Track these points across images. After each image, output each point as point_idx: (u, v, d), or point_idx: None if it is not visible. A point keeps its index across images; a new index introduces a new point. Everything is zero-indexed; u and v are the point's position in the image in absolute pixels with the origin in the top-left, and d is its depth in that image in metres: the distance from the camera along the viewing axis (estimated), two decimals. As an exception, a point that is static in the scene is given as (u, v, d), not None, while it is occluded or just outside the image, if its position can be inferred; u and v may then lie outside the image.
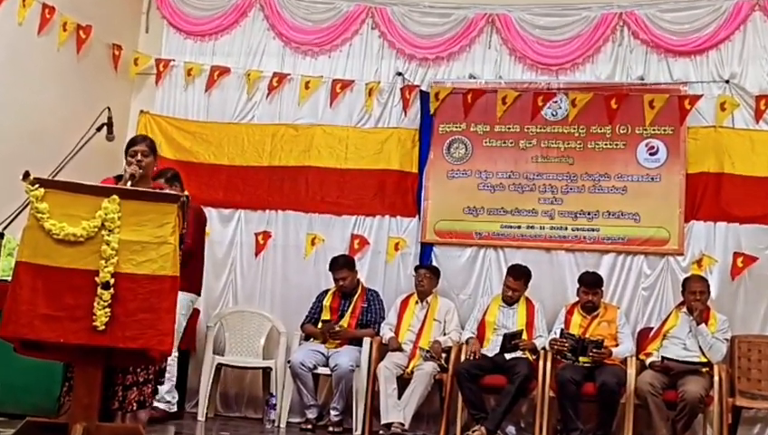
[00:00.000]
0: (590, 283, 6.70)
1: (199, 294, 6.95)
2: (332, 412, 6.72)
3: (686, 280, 6.61)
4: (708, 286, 6.53)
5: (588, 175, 7.21)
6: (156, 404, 6.58)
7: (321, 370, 6.77)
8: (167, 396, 6.64)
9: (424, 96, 7.52)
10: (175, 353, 6.67)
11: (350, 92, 7.67)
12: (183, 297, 6.60)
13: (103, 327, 4.46)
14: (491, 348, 6.65)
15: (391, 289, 7.30)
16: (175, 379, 6.72)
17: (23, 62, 6.71)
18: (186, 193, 4.99)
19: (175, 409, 6.75)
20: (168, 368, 6.58)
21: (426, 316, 6.93)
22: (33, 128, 6.67)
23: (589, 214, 7.17)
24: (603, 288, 6.77)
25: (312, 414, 6.77)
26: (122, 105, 7.69)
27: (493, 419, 6.33)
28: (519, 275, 6.82)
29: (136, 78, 7.99)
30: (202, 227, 6.93)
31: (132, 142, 5.19)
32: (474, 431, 6.26)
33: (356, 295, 7.05)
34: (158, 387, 6.53)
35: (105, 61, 7.67)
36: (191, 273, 6.73)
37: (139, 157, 5.04)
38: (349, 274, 7.02)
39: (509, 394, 6.34)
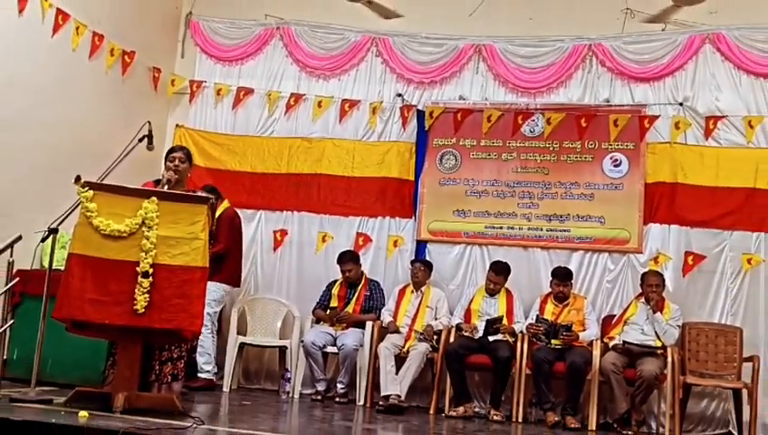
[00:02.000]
0: (562, 275, 6.69)
1: (237, 285, 7.04)
2: (339, 386, 6.70)
3: (644, 274, 6.60)
4: (663, 280, 6.52)
5: (560, 183, 7.20)
6: (199, 375, 6.62)
7: (330, 349, 6.75)
8: (205, 367, 6.66)
9: (420, 114, 7.50)
10: (210, 333, 6.70)
11: (356, 111, 7.65)
12: (217, 288, 6.64)
13: (143, 310, 4.49)
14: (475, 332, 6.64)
15: (390, 280, 7.27)
16: (210, 354, 6.73)
17: (76, 83, 6.73)
18: (213, 197, 5.02)
19: (213, 378, 6.79)
20: (200, 343, 6.62)
21: (420, 304, 6.91)
22: (85, 138, 6.69)
23: (561, 217, 7.15)
24: (573, 281, 6.76)
25: (321, 387, 6.75)
26: (160, 120, 7.70)
27: (494, 398, 6.39)
28: (500, 271, 6.80)
29: (172, 97, 8.00)
30: (236, 231, 7.01)
31: (171, 151, 5.22)
32: (494, 416, 6.27)
33: (360, 285, 7.03)
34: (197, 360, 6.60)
35: (146, 81, 7.68)
36: (228, 268, 6.81)
37: (176, 162, 5.06)
38: (354, 266, 7.01)
39: (497, 375, 6.35)
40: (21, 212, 5.83)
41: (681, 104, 7.02)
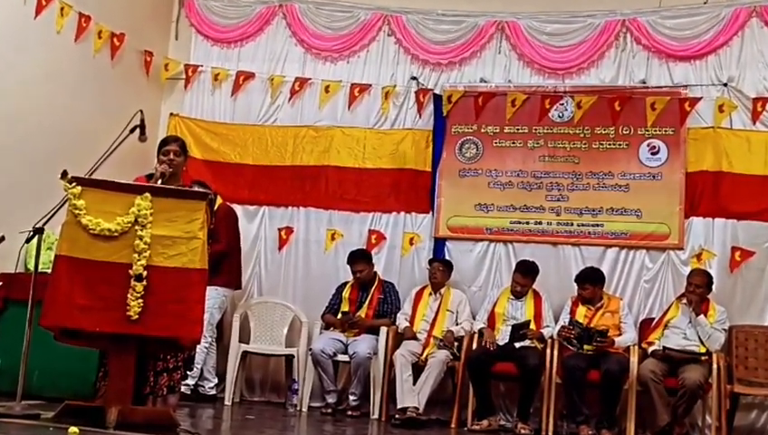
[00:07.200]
0: (581, 278, 6.63)
1: (239, 287, 7.10)
2: (351, 397, 6.73)
3: (689, 273, 6.56)
4: (708, 280, 6.44)
5: (592, 173, 7.18)
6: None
7: (341, 357, 6.77)
8: (190, 381, 6.68)
9: (437, 99, 7.51)
10: (204, 345, 6.69)
11: (367, 96, 7.66)
12: (217, 293, 6.65)
13: (136, 317, 4.48)
14: (500, 338, 6.60)
15: (406, 281, 7.28)
16: (200, 366, 6.74)
17: (61, 68, 6.75)
18: (212, 193, 5.01)
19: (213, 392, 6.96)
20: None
21: (439, 307, 6.92)
22: (71, 129, 6.71)
23: (593, 210, 7.14)
24: (601, 283, 6.64)
25: (331, 399, 6.78)
26: (153, 108, 7.72)
27: (522, 410, 6.37)
28: (527, 272, 6.77)
29: (166, 83, 8.02)
30: (234, 227, 7.02)
31: (164, 142, 5.20)
32: (521, 430, 6.26)
33: (373, 287, 7.04)
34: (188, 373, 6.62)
35: (137, 66, 7.70)
36: (228, 269, 6.82)
37: (171, 156, 5.05)
38: (366, 266, 7.02)
39: (525, 385, 6.34)
40: (3, 210, 5.86)
41: (726, 85, 6.98)
